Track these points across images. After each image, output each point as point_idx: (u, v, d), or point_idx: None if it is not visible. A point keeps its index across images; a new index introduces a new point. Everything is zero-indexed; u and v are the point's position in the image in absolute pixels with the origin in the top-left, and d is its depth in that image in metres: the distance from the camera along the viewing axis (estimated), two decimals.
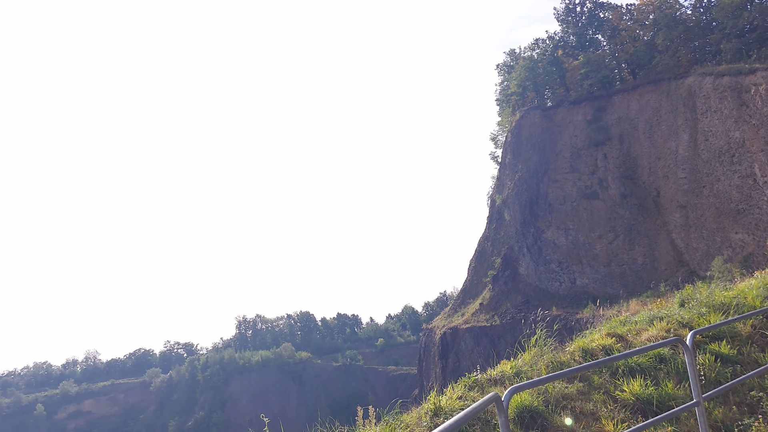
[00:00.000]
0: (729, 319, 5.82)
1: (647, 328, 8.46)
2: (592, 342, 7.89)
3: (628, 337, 8.16)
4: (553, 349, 7.77)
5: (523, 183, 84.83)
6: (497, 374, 7.07)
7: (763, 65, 55.98)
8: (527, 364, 7.35)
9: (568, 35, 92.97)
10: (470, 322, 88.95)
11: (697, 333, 5.36)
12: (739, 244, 57.24)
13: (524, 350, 7.73)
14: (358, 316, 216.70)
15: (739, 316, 6.11)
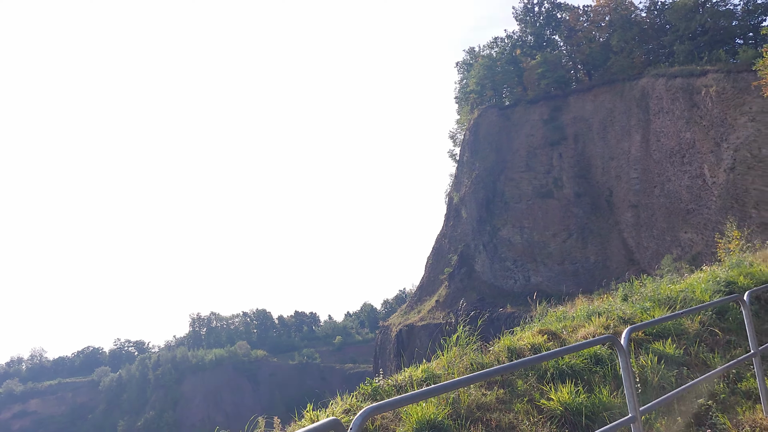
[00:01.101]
0: (670, 314, 4.87)
1: (584, 325, 7.50)
2: (521, 340, 6.86)
3: (563, 335, 7.17)
4: (476, 348, 6.70)
5: (480, 181, 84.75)
6: (404, 379, 5.94)
7: (714, 67, 56.89)
8: (443, 367, 6.27)
9: (526, 35, 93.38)
10: (426, 320, 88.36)
11: (633, 330, 4.32)
12: (688, 244, 58.14)
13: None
14: (316, 314, 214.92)
15: (684, 310, 5.13)
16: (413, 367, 6.29)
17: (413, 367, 6.29)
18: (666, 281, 10.06)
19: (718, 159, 55.82)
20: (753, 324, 5.79)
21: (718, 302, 5.68)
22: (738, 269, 10.38)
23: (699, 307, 5.73)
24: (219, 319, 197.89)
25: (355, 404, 5.32)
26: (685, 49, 63.38)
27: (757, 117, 52.57)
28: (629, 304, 8.47)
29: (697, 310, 5.27)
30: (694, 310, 5.36)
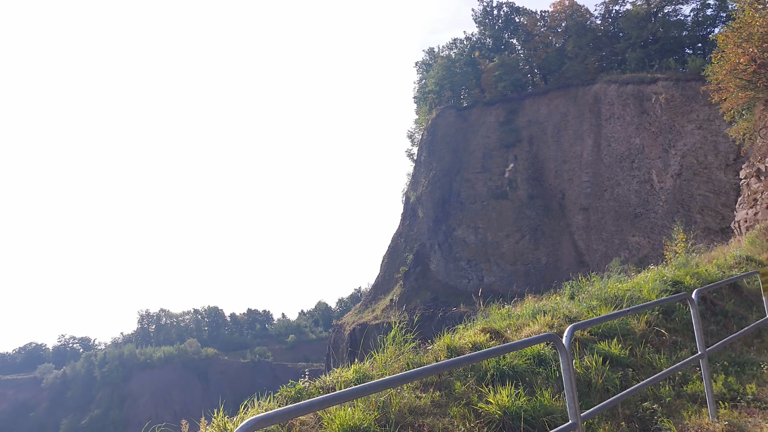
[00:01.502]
0: (615, 312, 4.55)
1: (529, 323, 7.17)
2: (462, 339, 6.46)
3: (506, 334, 6.82)
4: (414, 348, 6.26)
5: (437, 181, 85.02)
6: (332, 381, 5.45)
7: (664, 75, 58.53)
8: (377, 368, 5.80)
9: (485, 37, 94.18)
10: (380, 318, 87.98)
11: (576, 328, 3.94)
12: (635, 247, 59.63)
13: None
14: (269, 312, 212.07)
15: (630, 308, 4.81)
16: (343, 367, 5.80)
17: (343, 368, 5.80)
18: (614, 280, 9.87)
19: (666, 165, 57.45)
20: (700, 324, 5.54)
21: (665, 300, 5.42)
22: (685, 269, 10.31)
23: (646, 305, 5.43)
24: (169, 316, 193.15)
25: (273, 409, 4.81)
26: (637, 57, 65.00)
27: (703, 125, 54.29)
28: (576, 302, 8.20)
29: (643, 308, 4.96)
30: (640, 308, 5.05)
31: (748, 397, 5.87)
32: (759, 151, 19.13)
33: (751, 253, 13.69)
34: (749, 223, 18.58)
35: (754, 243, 15.09)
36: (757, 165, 19.08)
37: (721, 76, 19.75)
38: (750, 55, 18.09)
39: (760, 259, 13.25)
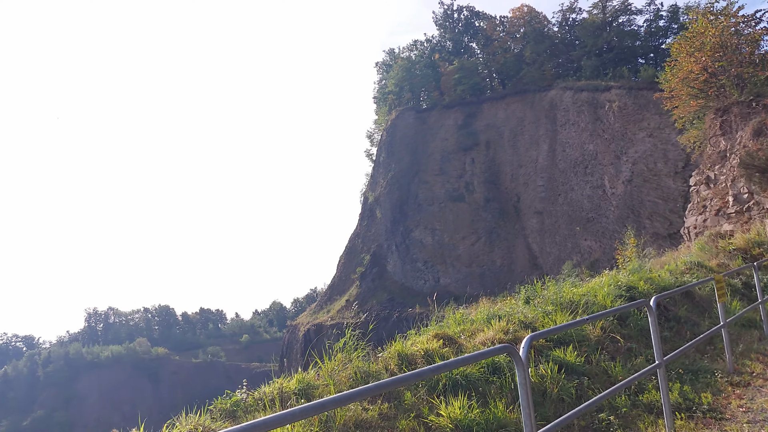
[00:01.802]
0: (575, 320, 4.32)
1: (484, 329, 6.92)
2: (414, 345, 6.15)
3: (460, 340, 6.54)
4: (365, 355, 5.92)
5: (395, 182, 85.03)
6: (273, 392, 5.04)
7: (618, 84, 60.00)
8: (323, 377, 5.43)
9: (445, 40, 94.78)
10: (335, 319, 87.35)
11: (534, 338, 3.66)
12: (587, 251, 60.86)
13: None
14: (222, 312, 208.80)
15: (591, 316, 4.58)
16: (285, 377, 5.40)
17: (285, 377, 5.40)
18: (568, 284, 9.75)
19: (618, 171, 58.84)
20: (659, 333, 5.37)
21: (625, 307, 5.24)
22: (638, 274, 10.29)
23: (605, 312, 5.23)
24: (117, 314, 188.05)
25: (206, 424, 4.37)
26: (592, 65, 66.46)
27: (654, 133, 55.84)
28: (531, 307, 8.01)
29: (603, 316, 4.75)
30: (600, 316, 4.84)
31: (704, 407, 5.77)
32: (709, 159, 19.58)
33: (701, 259, 13.88)
34: (698, 229, 18.97)
35: (703, 249, 15.34)
36: (707, 173, 19.52)
37: (673, 83, 20.15)
38: (702, 64, 18.50)
39: (710, 265, 13.45)
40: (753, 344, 8.44)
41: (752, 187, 16.92)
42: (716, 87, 18.85)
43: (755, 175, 16.54)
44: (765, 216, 16.26)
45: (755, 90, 18.18)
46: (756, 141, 17.14)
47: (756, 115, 17.62)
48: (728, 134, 18.74)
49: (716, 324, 9.29)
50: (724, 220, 17.87)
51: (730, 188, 17.97)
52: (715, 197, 18.69)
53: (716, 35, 18.26)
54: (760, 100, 17.65)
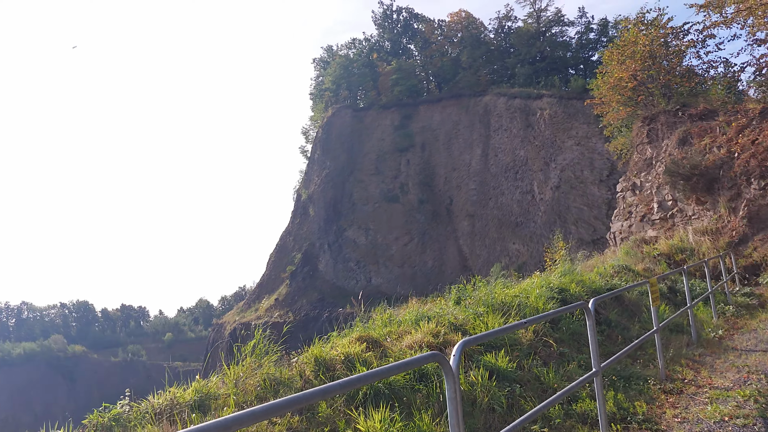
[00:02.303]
0: (510, 324, 3.87)
1: (411, 331, 6.41)
2: (334, 349, 5.54)
3: (386, 343, 5.98)
4: (278, 359, 5.27)
5: (330, 180, 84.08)
6: (164, 403, 4.30)
7: (549, 92, 61.74)
8: (228, 384, 4.73)
9: (383, 40, 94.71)
10: (263, 318, 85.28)
11: (466, 345, 3.13)
12: (515, 254, 62.17)
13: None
14: (145, 308, 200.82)
15: (527, 320, 4.11)
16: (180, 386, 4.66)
17: (182, 385, 4.66)
18: (500, 285, 9.42)
19: (547, 177, 60.49)
20: (596, 338, 5.00)
21: (565, 309, 4.83)
22: (570, 276, 10.13)
23: (543, 316, 4.77)
24: (31, 309, 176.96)
25: None
26: (526, 73, 68.08)
27: (581, 141, 57.74)
28: (462, 308, 7.58)
29: (542, 318, 4.32)
30: (539, 319, 4.39)
31: (639, 417, 5.47)
32: (635, 166, 20.03)
33: (628, 263, 14.03)
34: (624, 234, 19.35)
35: (629, 253, 15.57)
36: (633, 179, 19.96)
37: (604, 90, 20.53)
38: (631, 72, 18.87)
39: (637, 269, 13.61)
40: (682, 349, 8.37)
41: (676, 195, 17.35)
42: (645, 95, 19.31)
43: (679, 182, 16.96)
44: (688, 223, 16.69)
45: (681, 100, 18.73)
46: (681, 149, 17.60)
47: (681, 124, 18.13)
48: (654, 142, 19.22)
49: (645, 328, 9.20)
50: (648, 226, 18.27)
51: (655, 195, 18.40)
52: (641, 203, 19.11)
53: (646, 44, 18.69)
54: (686, 110, 18.17)
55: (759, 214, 15.07)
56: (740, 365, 7.44)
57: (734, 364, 7.50)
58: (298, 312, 79.60)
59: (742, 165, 15.64)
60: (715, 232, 15.76)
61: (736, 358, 7.93)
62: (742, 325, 10.45)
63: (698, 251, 15.59)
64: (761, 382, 6.48)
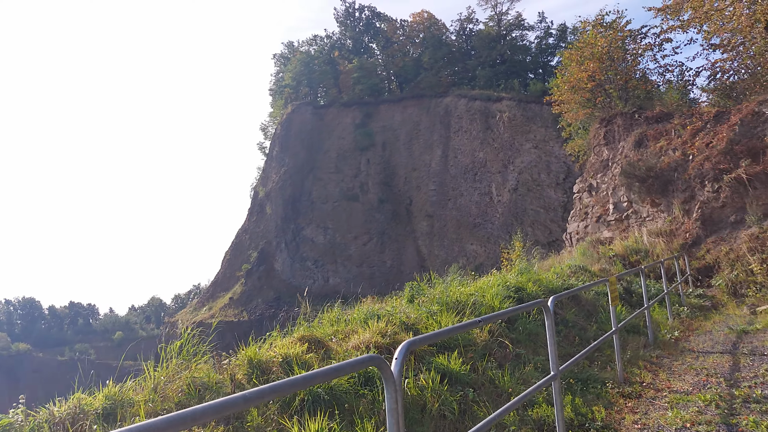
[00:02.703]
0: (461, 324, 3.44)
1: (359, 330, 5.92)
2: (272, 350, 5.01)
3: (330, 343, 5.48)
4: (208, 360, 4.73)
5: (288, 178, 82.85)
6: (65, 412, 3.71)
7: (509, 95, 62.31)
8: (147, 390, 4.17)
9: (345, 38, 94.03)
10: (217, 317, 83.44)
11: (412, 345, 2.68)
12: (472, 255, 62.48)
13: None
14: (95, 306, 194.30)
15: (481, 318, 3.69)
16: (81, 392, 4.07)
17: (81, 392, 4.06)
18: (456, 283, 9.05)
19: (505, 179, 61.01)
20: (555, 339, 4.64)
21: (523, 307, 4.45)
22: (527, 275, 9.85)
23: (500, 314, 4.30)
24: None
25: None
26: (486, 75, 68.57)
27: (539, 145, 58.44)
28: (415, 306, 7.16)
29: (498, 317, 3.91)
30: (494, 318, 3.96)
31: (598, 423, 5.14)
32: (592, 168, 20.07)
33: (584, 263, 13.92)
34: (580, 235, 19.36)
35: (585, 254, 15.49)
36: (590, 180, 20.00)
37: (563, 90, 20.53)
38: (590, 72, 18.89)
39: (593, 269, 13.51)
40: (639, 351, 8.15)
41: (632, 196, 17.41)
42: (603, 96, 19.38)
43: (635, 184, 17.01)
44: (642, 224, 16.75)
45: (638, 102, 18.84)
46: (637, 151, 17.67)
47: (638, 126, 18.22)
48: (611, 144, 19.28)
49: (602, 329, 8.97)
50: (604, 227, 18.30)
51: (610, 196, 18.44)
52: (597, 205, 19.14)
53: (605, 45, 18.75)
54: (642, 112, 18.27)
55: (712, 216, 15.21)
56: (698, 368, 7.26)
57: (692, 367, 7.32)
58: (253, 311, 78.20)
59: (696, 168, 15.77)
60: (669, 234, 15.85)
61: (693, 360, 7.76)
62: (696, 327, 10.39)
63: (652, 252, 15.64)
64: (721, 386, 6.27)
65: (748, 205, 14.33)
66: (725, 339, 9.01)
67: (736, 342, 8.68)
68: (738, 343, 8.61)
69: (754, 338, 8.80)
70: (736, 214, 14.67)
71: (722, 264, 14.08)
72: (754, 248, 13.39)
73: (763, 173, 14.14)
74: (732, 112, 16.06)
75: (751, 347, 8.16)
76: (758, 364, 7.08)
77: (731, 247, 14.15)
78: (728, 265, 13.82)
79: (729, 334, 9.37)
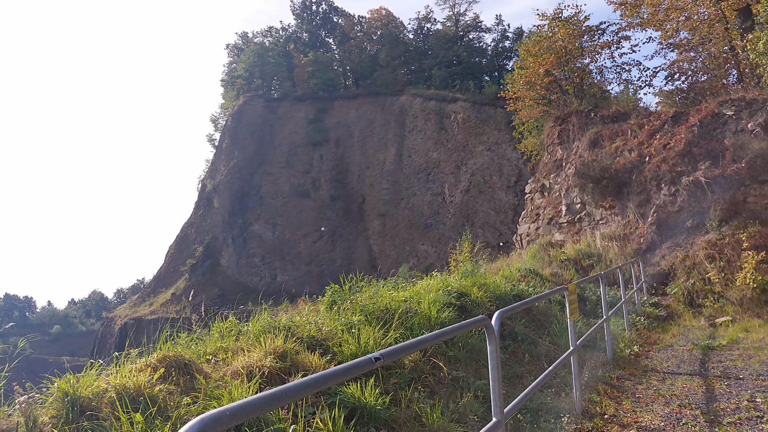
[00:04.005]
0: (336, 368, 2.12)
1: (250, 348, 4.47)
2: (104, 381, 3.55)
3: (205, 367, 4.01)
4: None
5: (237, 171, 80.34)
6: None
7: (464, 96, 61.89)
8: None
9: (301, 31, 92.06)
10: (158, 313, 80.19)
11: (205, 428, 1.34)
12: (423, 255, 61.71)
13: None
14: (31, 299, 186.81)
15: (415, 341, 2.39)
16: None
17: None
18: (389, 286, 7.78)
19: (457, 180, 60.53)
20: (500, 374, 3.37)
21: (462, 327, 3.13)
22: (472, 279, 8.65)
23: (437, 335, 2.96)
24: None
25: None
26: (442, 75, 68.02)
27: (492, 147, 58.16)
28: (333, 315, 5.81)
29: (406, 350, 2.57)
30: (402, 351, 2.57)
31: None
32: (545, 168, 19.22)
33: (535, 267, 12.91)
34: (531, 237, 18.46)
35: (536, 257, 14.52)
36: (542, 181, 19.14)
37: (519, 85, 19.64)
38: (547, 66, 18.03)
39: (544, 273, 12.49)
40: (597, 370, 7.05)
41: (585, 198, 16.57)
42: (559, 93, 18.55)
43: (589, 185, 16.18)
44: (596, 227, 15.92)
45: (594, 101, 18.08)
46: (592, 152, 16.86)
47: (593, 125, 17.44)
48: (565, 143, 18.46)
49: (555, 342, 7.84)
50: (556, 229, 17.43)
51: (563, 198, 17.59)
52: (549, 206, 18.28)
53: (564, 38, 17.92)
54: (598, 111, 17.50)
55: (668, 221, 14.47)
56: (667, 394, 6.18)
57: (659, 392, 6.24)
58: (195, 308, 75.15)
59: (652, 169, 15.02)
60: (623, 238, 15.06)
61: (659, 382, 6.70)
62: (656, 340, 9.43)
63: (605, 257, 14.81)
64: (698, 421, 5.18)
65: (706, 210, 13.63)
66: (690, 357, 8.04)
67: (703, 360, 7.72)
68: (705, 361, 7.64)
69: (722, 356, 7.86)
70: (693, 219, 13.96)
71: (678, 271, 13.31)
72: (712, 255, 12.65)
73: (722, 177, 13.46)
74: (691, 113, 15.40)
75: (722, 368, 7.19)
76: (736, 391, 6.07)
77: (687, 254, 13.41)
78: (684, 272, 13.06)
79: (693, 351, 8.42)
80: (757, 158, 13.18)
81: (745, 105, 14.24)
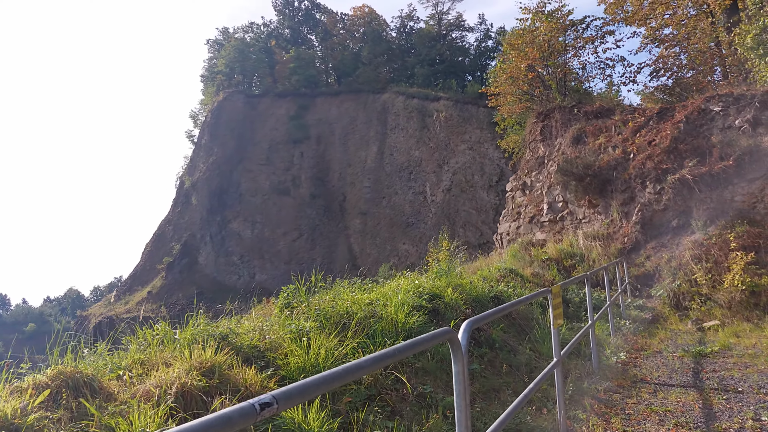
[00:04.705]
0: (336, 370, 1.56)
1: (171, 361, 3.74)
2: None
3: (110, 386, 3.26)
4: None
5: (217, 168, 79.05)
6: None
7: (446, 95, 61.46)
8: None
9: (283, 27, 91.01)
10: (133, 312, 78.54)
11: None
12: (404, 254, 61.13)
13: None
14: (6, 296, 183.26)
15: (363, 360, 1.73)
16: None
17: None
18: (355, 286, 7.07)
19: (439, 179, 60.04)
20: (467, 381, 2.67)
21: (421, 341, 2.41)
22: (446, 278, 7.97)
23: (401, 349, 2.23)
24: None
25: None
26: (425, 74, 67.53)
27: (474, 146, 57.75)
28: (284, 320, 5.06)
29: (401, 354, 1.94)
30: (396, 355, 1.92)
31: None
32: (527, 165, 18.67)
33: (515, 266, 12.30)
34: (511, 236, 17.87)
35: (516, 256, 13.92)
36: (524, 178, 18.58)
37: (501, 80, 19.07)
38: (530, 60, 17.47)
39: (525, 274, 11.89)
40: (582, 382, 6.40)
41: (568, 196, 16.01)
42: (542, 88, 18.00)
43: (571, 183, 15.62)
44: (578, 226, 15.36)
45: (577, 96, 17.56)
46: (575, 148, 16.32)
47: (576, 121, 16.90)
48: (548, 140, 17.91)
49: (536, 350, 7.18)
50: (537, 228, 16.86)
51: (545, 196, 17.03)
52: (530, 204, 17.72)
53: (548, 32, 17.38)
54: (582, 107, 16.98)
55: (653, 220, 13.96)
56: (660, 409, 5.55)
57: (651, 408, 5.61)
58: (172, 307, 73.90)
59: (637, 167, 14.50)
60: (607, 238, 14.52)
61: (650, 396, 6.07)
62: (643, 345, 8.84)
63: (588, 257, 14.26)
64: None
65: (692, 209, 13.13)
66: (682, 365, 7.44)
67: (696, 369, 7.12)
68: (699, 371, 7.05)
69: (715, 365, 7.27)
70: (679, 219, 13.45)
71: (663, 272, 12.79)
72: (698, 256, 12.14)
73: (709, 175, 12.97)
74: (677, 108, 14.92)
75: (718, 379, 6.59)
76: (737, 407, 5.46)
77: (673, 255, 12.89)
78: (670, 273, 12.53)
79: (684, 358, 7.82)
80: (746, 155, 12.73)
81: (732, 101, 13.79)
